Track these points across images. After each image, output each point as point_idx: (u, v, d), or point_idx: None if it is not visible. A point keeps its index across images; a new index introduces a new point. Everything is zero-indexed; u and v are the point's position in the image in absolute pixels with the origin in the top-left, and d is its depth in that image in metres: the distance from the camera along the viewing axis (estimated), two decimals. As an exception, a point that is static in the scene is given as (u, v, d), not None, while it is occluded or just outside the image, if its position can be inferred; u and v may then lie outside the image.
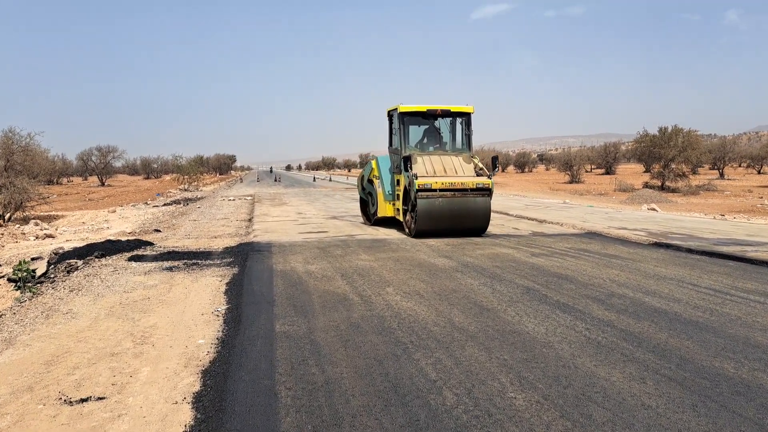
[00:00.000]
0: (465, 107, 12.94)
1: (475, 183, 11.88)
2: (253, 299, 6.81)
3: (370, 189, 14.99)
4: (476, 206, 11.93)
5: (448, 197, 11.73)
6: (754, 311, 6.03)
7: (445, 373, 4.35)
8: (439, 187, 11.72)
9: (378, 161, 14.29)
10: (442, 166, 12.29)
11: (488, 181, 12.00)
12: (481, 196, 11.94)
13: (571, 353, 4.77)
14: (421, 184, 11.62)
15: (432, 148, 13.13)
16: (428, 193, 11.63)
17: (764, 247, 10.21)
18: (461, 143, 13.32)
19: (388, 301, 6.57)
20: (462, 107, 12.93)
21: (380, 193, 13.92)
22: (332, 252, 10.27)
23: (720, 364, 4.49)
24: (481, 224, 12.14)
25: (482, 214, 12.02)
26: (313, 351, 4.91)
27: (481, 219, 12.04)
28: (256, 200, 26.70)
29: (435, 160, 12.41)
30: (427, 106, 12.79)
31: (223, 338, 5.38)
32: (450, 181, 11.80)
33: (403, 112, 12.82)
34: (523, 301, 6.55)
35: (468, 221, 11.99)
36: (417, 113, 12.91)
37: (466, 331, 5.38)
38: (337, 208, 20.91)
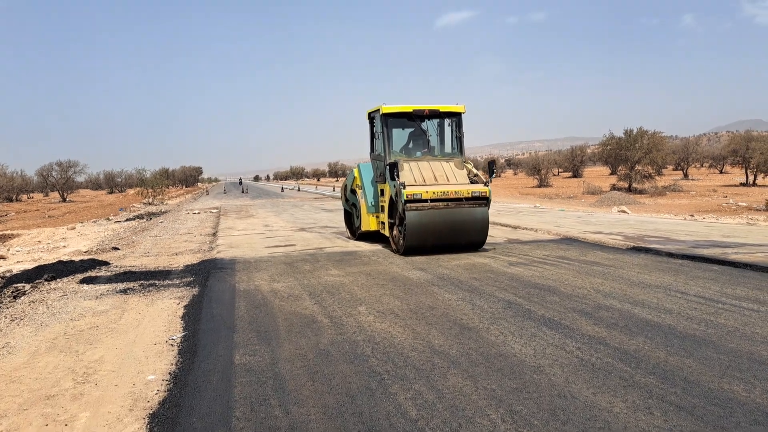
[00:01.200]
0: (455, 106, 11.56)
1: (470, 191, 10.48)
2: (212, 325, 6.21)
3: (353, 200, 13.69)
4: (472, 218, 10.53)
5: (440, 208, 10.35)
6: (750, 321, 5.66)
7: (426, 409, 3.82)
8: (431, 197, 10.28)
9: (360, 169, 12.96)
10: (432, 173, 10.88)
11: (485, 188, 10.60)
12: (478, 206, 10.56)
13: (565, 379, 4.29)
14: (410, 194, 10.19)
15: (419, 153, 11.80)
16: (418, 204, 10.24)
17: (743, 249, 9.96)
18: (452, 147, 11.93)
19: (361, 322, 6.03)
20: (452, 106, 11.55)
21: (363, 204, 12.62)
22: (300, 267, 9.70)
23: (729, 386, 4.06)
24: (479, 238, 10.79)
25: (480, 227, 10.65)
26: (276, 387, 4.35)
27: (478, 232, 10.69)
28: (222, 213, 25.91)
29: (424, 167, 11.00)
30: (413, 106, 11.36)
31: (176, 373, 4.79)
32: (442, 190, 10.37)
33: (387, 113, 11.36)
34: (506, 317, 6.07)
35: (464, 235, 10.65)
36: (402, 114, 11.47)
37: (447, 356, 4.87)
38: (305, 220, 20.31)
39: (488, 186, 10.67)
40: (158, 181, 51.41)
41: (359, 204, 12.98)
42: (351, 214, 14.05)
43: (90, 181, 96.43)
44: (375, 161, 12.23)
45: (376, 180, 12.11)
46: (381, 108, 11.32)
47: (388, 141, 11.40)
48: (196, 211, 28.24)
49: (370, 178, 12.50)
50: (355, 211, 13.59)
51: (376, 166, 12.09)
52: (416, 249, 10.53)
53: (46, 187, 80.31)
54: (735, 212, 22.46)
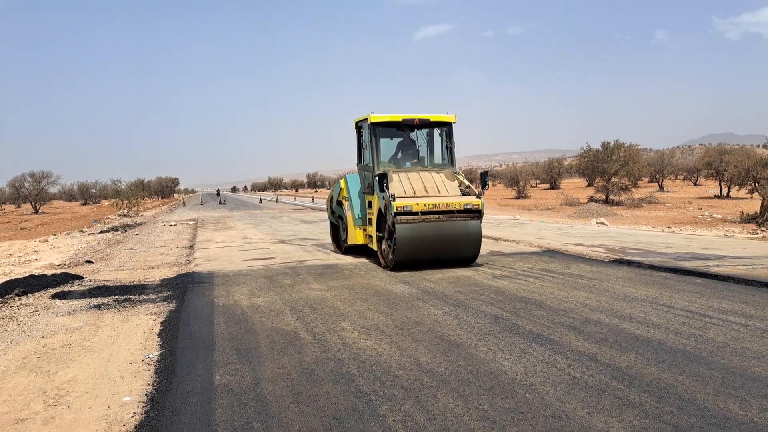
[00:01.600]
0: (445, 116, 11.21)
1: (462, 204, 10.04)
2: (191, 342, 5.99)
3: (340, 212, 13.16)
4: (465, 231, 10.10)
5: (431, 221, 9.91)
6: (739, 336, 5.60)
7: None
8: (421, 209, 9.83)
9: (347, 180, 12.42)
10: (422, 185, 10.45)
11: (478, 201, 10.18)
12: (471, 219, 10.14)
13: (559, 398, 4.17)
14: (400, 207, 9.73)
15: (409, 164, 11.31)
16: (408, 217, 9.78)
17: (724, 261, 9.99)
18: (442, 157, 11.53)
19: (345, 339, 5.86)
20: (442, 116, 11.20)
21: (350, 217, 12.05)
22: (280, 281, 9.49)
23: (725, 405, 3.97)
24: (472, 252, 10.38)
25: (473, 241, 10.23)
26: (259, 409, 4.16)
27: (471, 246, 10.29)
28: (199, 225, 25.52)
29: (414, 178, 10.58)
30: (403, 116, 10.98)
31: (152, 394, 4.58)
32: (433, 202, 9.93)
33: (375, 122, 10.91)
34: (493, 332, 5.95)
35: (456, 249, 10.23)
36: (391, 124, 11.04)
37: (436, 375, 4.72)
38: (284, 232, 20.06)
39: (481, 198, 10.27)
40: (133, 192, 50.65)
41: (346, 216, 12.45)
42: (337, 227, 13.56)
43: (63, 192, 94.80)
44: (363, 172, 11.73)
45: (364, 191, 11.64)
46: (369, 117, 10.93)
47: (376, 151, 10.93)
48: (172, 223, 27.80)
49: (358, 190, 12.04)
50: (342, 224, 13.06)
51: (364, 177, 11.63)
52: (406, 264, 10.07)
53: (18, 199, 78.71)
54: (711, 224, 22.71)
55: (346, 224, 12.39)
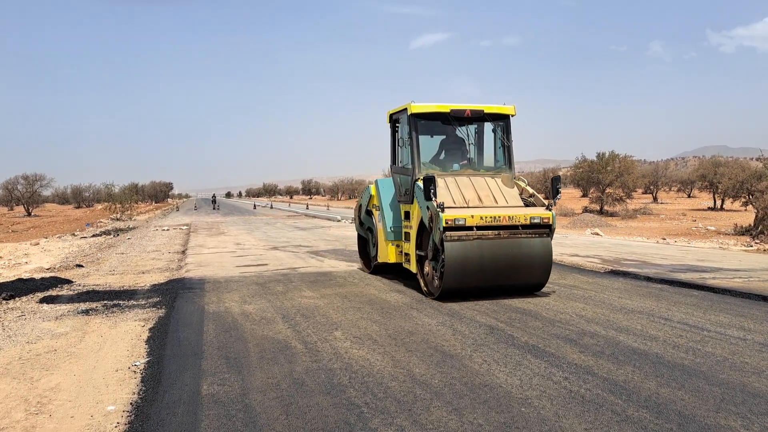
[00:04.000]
0: (503, 107, 9.17)
1: (528, 217, 8.03)
2: (179, 350, 5.85)
3: (369, 223, 11.19)
4: (532, 251, 8.04)
5: (490, 239, 7.90)
6: (738, 350, 5.51)
7: (410, 447, 3.55)
8: (477, 223, 7.83)
9: (378, 186, 10.52)
10: (474, 193, 8.46)
11: (548, 213, 8.13)
12: (538, 236, 8.10)
13: (555, 413, 4.06)
14: (450, 220, 7.74)
15: (457, 166, 9.21)
16: (461, 233, 7.78)
17: (720, 274, 9.92)
18: (495, 159, 9.45)
19: (337, 348, 5.74)
20: (499, 107, 9.15)
21: (380, 229, 10.13)
22: (272, 288, 9.35)
23: (726, 422, 3.87)
24: (539, 279, 8.28)
25: (541, 264, 8.12)
26: (247, 420, 4.03)
27: (539, 271, 8.18)
28: (192, 230, 25.35)
29: (464, 184, 8.59)
30: (450, 105, 8.98)
31: (138, 403, 4.45)
32: (492, 215, 7.91)
33: (417, 113, 8.96)
34: (488, 344, 5.83)
35: (520, 274, 8.12)
36: (435, 115, 9.07)
37: (429, 387, 4.60)
38: (278, 238, 19.92)
39: (551, 210, 8.21)
40: (127, 196, 50.32)
41: (376, 229, 10.56)
42: (366, 240, 11.51)
43: (57, 195, 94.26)
44: (398, 176, 9.78)
45: (399, 199, 9.65)
46: (409, 107, 8.98)
47: (417, 149, 8.93)
48: (165, 228, 27.62)
49: (391, 198, 10.11)
50: (371, 238, 11.09)
51: (400, 182, 9.66)
52: (456, 292, 8.06)
53: (11, 201, 78.23)
54: (704, 236, 22.70)
55: (376, 238, 10.52)
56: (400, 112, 9.52)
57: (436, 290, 8.22)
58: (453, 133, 9.46)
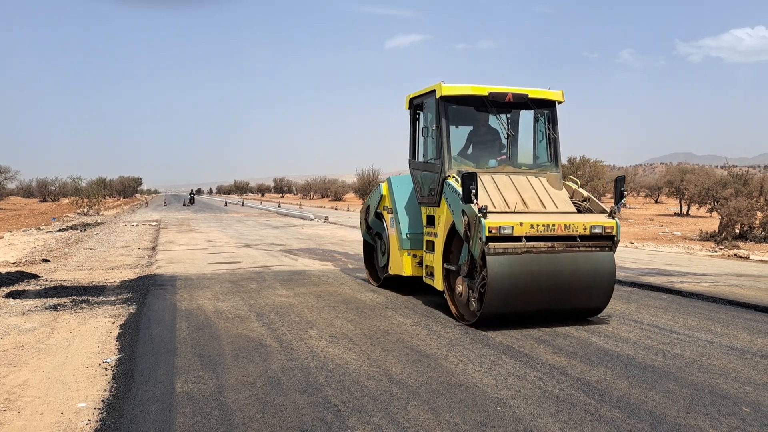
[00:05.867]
0: (550, 92, 7.71)
1: (588, 225, 6.59)
2: (151, 347, 5.77)
3: (379, 228, 9.65)
4: (592, 269, 6.61)
5: (542, 252, 6.43)
6: (706, 352, 5.64)
7: (388, 446, 3.56)
8: (527, 232, 6.36)
9: (391, 184, 8.93)
10: (517, 195, 7.02)
11: (611, 221, 6.70)
12: (600, 250, 6.67)
13: (530, 412, 4.11)
14: (495, 228, 6.22)
15: (494, 163, 7.72)
16: (507, 245, 6.30)
17: (688, 278, 10.15)
18: (540, 154, 7.87)
19: (313, 347, 5.72)
20: (545, 91, 7.68)
21: (393, 236, 8.69)
22: (246, 286, 9.27)
23: (696, 422, 3.96)
24: (598, 302, 6.84)
25: (603, 284, 6.69)
26: (222, 419, 3.99)
27: (599, 293, 6.73)
28: (162, 226, 24.99)
29: (503, 184, 7.14)
30: (488, 87, 7.45)
31: (109, 400, 4.37)
32: (545, 222, 6.45)
33: (448, 96, 7.41)
34: (463, 343, 5.88)
35: (576, 297, 6.69)
36: (469, 99, 7.54)
37: (406, 386, 4.62)
38: (250, 236, 19.75)
39: (615, 217, 6.79)
40: (94, 190, 49.32)
41: (387, 235, 9.04)
42: (374, 248, 10.00)
43: (21, 188, 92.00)
44: (420, 172, 8.16)
45: (420, 201, 8.12)
46: (439, 88, 7.42)
47: (447, 140, 7.41)
48: (134, 224, 27.17)
49: (407, 198, 8.69)
50: (381, 245, 9.65)
51: (422, 179, 8.08)
52: (498, 319, 6.63)
53: (-28, 193, 76.22)
54: (671, 241, 23.17)
55: (387, 246, 9.04)
56: (425, 95, 7.94)
57: (472, 316, 6.68)
58: (485, 123, 7.98)
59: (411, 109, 8.48)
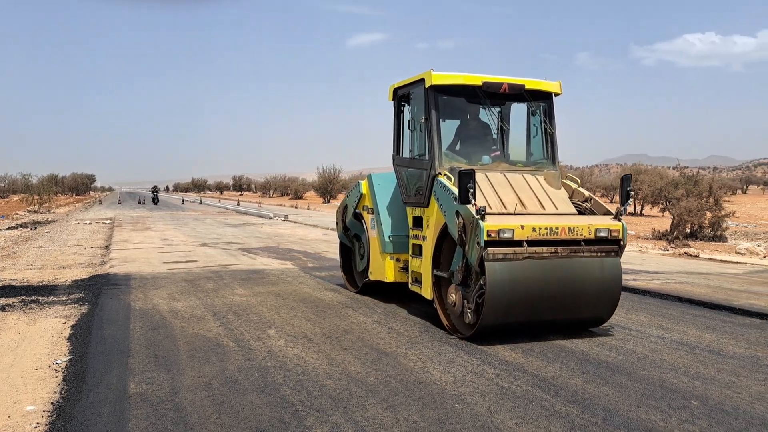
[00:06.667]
0: (547, 82, 7.18)
1: (593, 229, 6.05)
2: (104, 348, 5.62)
3: (357, 230, 8.88)
4: (597, 276, 6.10)
5: (544, 258, 5.87)
6: (657, 348, 5.80)
7: (346, 444, 3.55)
8: (528, 236, 5.80)
9: (372, 182, 8.21)
10: (514, 195, 6.47)
11: (617, 224, 6.18)
12: (605, 255, 6.15)
13: (488, 408, 4.15)
14: (494, 231, 5.64)
15: (488, 159, 7.22)
16: (507, 250, 5.73)
17: (641, 276, 10.41)
18: (534, 151, 7.35)
19: (271, 347, 5.66)
20: (542, 82, 7.14)
21: (374, 238, 8.02)
22: (203, 286, 9.12)
23: (647, 416, 4.06)
24: (602, 312, 6.34)
25: (608, 293, 6.19)
26: (177, 420, 3.91)
27: (604, 302, 6.23)
28: (116, 224, 24.41)
29: (499, 182, 6.57)
30: (481, 77, 6.87)
31: (60, 403, 4.24)
32: (548, 225, 5.90)
33: (438, 86, 6.83)
34: (423, 341, 5.91)
35: (581, 307, 6.15)
36: (460, 89, 6.97)
37: (365, 384, 4.61)
38: (208, 234, 19.45)
39: (621, 220, 6.27)
40: (45, 187, 47.90)
41: (368, 237, 8.32)
42: (351, 250, 9.24)
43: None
44: (405, 169, 7.53)
45: (406, 201, 7.46)
46: (429, 76, 6.81)
47: (438, 134, 6.81)
48: (87, 222, 26.47)
49: (390, 197, 8.02)
50: (359, 248, 8.90)
51: (408, 177, 7.46)
52: (496, 330, 6.05)
53: None
54: (625, 240, 23.81)
55: (367, 249, 8.36)
56: (412, 84, 7.28)
57: (467, 328, 6.08)
58: (476, 116, 7.43)
59: (395, 100, 7.82)
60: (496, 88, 6.86)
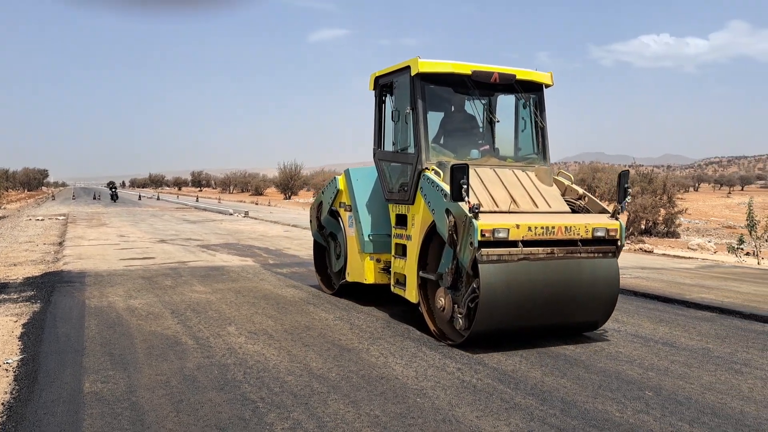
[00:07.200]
0: (538, 73, 6.84)
1: (591, 228, 5.76)
2: (57, 346, 5.46)
3: (333, 228, 8.35)
4: (595, 278, 5.81)
5: (540, 259, 5.55)
6: (614, 340, 5.95)
7: (307, 441, 3.53)
8: (524, 236, 5.46)
9: (350, 177, 7.69)
10: (505, 192, 6.08)
11: (614, 223, 5.90)
12: (603, 256, 5.88)
13: (449, 402, 4.18)
14: (488, 230, 5.29)
15: (477, 153, 6.68)
16: (501, 251, 5.38)
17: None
18: (522, 145, 6.99)
19: (231, 344, 5.59)
20: (533, 72, 6.80)
21: (353, 237, 7.53)
22: (160, 283, 8.95)
23: (603, 407, 4.16)
24: (598, 317, 6.03)
25: (605, 296, 5.89)
26: (133, 419, 3.83)
27: (601, 306, 5.92)
28: (71, 220, 23.74)
29: (489, 178, 6.17)
30: (470, 65, 6.47)
31: (11, 403, 4.12)
32: (544, 224, 5.58)
33: (426, 74, 6.39)
34: (385, 337, 5.92)
35: (577, 311, 5.83)
36: (448, 79, 6.53)
37: (326, 380, 4.59)
38: (166, 231, 19.09)
39: (619, 218, 5.99)
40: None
41: (344, 236, 7.82)
42: (327, 249, 8.70)
43: None
44: (388, 164, 7.09)
45: (388, 197, 6.99)
46: (416, 63, 6.35)
47: (425, 126, 6.34)
48: (39, 218, 25.67)
49: (369, 193, 7.55)
50: (335, 247, 8.39)
51: (390, 172, 7.04)
52: (490, 337, 5.71)
53: None
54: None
55: (344, 248, 7.88)
56: (396, 73, 6.81)
57: (457, 335, 5.74)
58: (461, 107, 7.02)
59: (376, 89, 7.27)
60: (486, 78, 6.48)
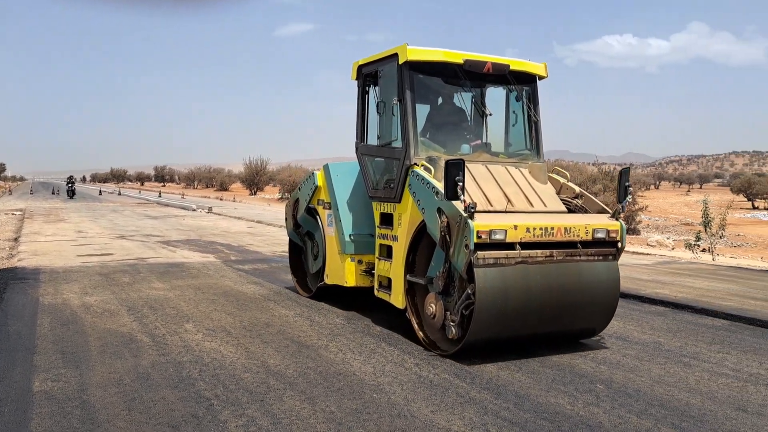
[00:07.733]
0: (532, 64, 6.45)
1: (591, 229, 5.42)
2: (7, 344, 5.33)
3: (311, 227, 7.86)
4: (594, 281, 5.48)
5: (539, 262, 5.20)
6: (569, 335, 6.06)
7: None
8: (522, 237, 5.10)
9: (329, 173, 7.16)
10: (499, 190, 5.73)
11: (615, 224, 5.57)
12: (603, 259, 5.55)
13: (405, 397, 4.21)
14: (484, 231, 4.89)
15: (468, 148, 6.38)
16: (498, 254, 5.01)
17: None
18: (514, 140, 6.60)
19: (187, 341, 5.52)
20: (526, 63, 6.40)
21: (332, 237, 7.06)
22: (118, 279, 8.78)
23: (555, 400, 4.24)
24: (597, 323, 5.74)
25: (605, 300, 5.58)
26: (84, 418, 3.76)
27: (601, 311, 5.63)
28: (27, 216, 23.12)
29: (481, 175, 5.80)
30: (462, 54, 6.05)
31: (-44, 404, 3.99)
32: (542, 225, 5.22)
33: (415, 62, 5.94)
34: (344, 333, 5.92)
35: (576, 317, 5.52)
36: (438, 68, 6.11)
37: (283, 377, 4.58)
38: (126, 227, 18.73)
39: (620, 219, 5.66)
40: (-52, 176, 44.74)
41: (323, 235, 7.33)
42: (303, 250, 8.18)
43: None
44: (372, 158, 6.63)
45: (372, 195, 6.49)
46: (404, 50, 5.90)
47: (413, 117, 5.90)
48: (-6, 213, 24.93)
49: (350, 190, 7.06)
50: (312, 247, 7.89)
51: (374, 168, 6.59)
52: (485, 346, 5.31)
53: None
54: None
55: (322, 248, 7.39)
56: (382, 61, 6.33)
57: (449, 344, 5.30)
58: (450, 99, 6.60)
59: (360, 79, 6.78)
60: (479, 68, 6.07)
